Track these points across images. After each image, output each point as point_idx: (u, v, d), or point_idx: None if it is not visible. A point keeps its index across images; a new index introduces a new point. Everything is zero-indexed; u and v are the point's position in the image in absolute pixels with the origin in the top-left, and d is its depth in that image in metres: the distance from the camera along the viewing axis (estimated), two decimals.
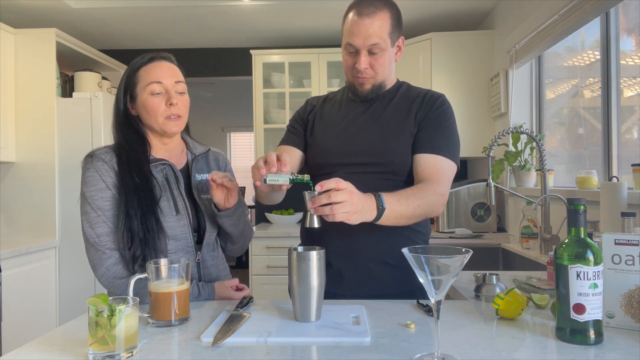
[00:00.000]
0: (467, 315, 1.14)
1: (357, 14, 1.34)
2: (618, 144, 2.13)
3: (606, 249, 1.03)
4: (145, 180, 1.30)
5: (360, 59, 1.36)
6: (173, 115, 1.35)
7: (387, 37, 1.36)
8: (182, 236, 1.34)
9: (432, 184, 1.32)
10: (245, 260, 6.73)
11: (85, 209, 1.31)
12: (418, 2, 3.29)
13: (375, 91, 1.44)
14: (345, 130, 1.46)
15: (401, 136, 1.41)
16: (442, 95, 1.46)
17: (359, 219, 1.13)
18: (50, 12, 3.35)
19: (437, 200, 1.31)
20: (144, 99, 1.34)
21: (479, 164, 3.69)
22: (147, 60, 1.36)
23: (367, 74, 1.39)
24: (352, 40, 1.36)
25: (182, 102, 1.36)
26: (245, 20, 3.59)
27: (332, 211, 1.08)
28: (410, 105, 1.44)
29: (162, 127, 1.35)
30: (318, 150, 1.49)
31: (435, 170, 1.36)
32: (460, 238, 2.97)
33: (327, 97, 1.60)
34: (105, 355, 0.88)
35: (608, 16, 2.15)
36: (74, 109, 3.13)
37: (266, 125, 3.78)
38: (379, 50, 1.36)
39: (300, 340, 0.98)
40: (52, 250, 3.04)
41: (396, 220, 1.23)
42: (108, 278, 1.28)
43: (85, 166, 1.34)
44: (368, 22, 1.33)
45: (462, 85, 3.40)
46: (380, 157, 1.40)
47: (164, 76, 1.34)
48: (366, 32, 1.33)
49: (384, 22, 1.34)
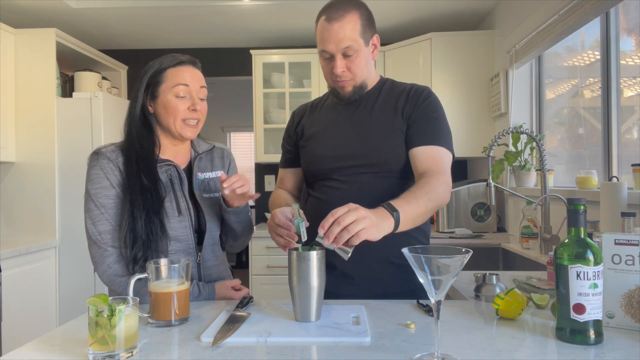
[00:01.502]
0: (467, 315, 1.14)
1: (326, 19, 1.36)
2: (618, 144, 2.13)
3: (606, 249, 1.03)
4: (153, 182, 1.31)
5: (336, 64, 1.37)
6: (192, 120, 1.36)
7: (360, 38, 1.37)
8: (183, 237, 1.35)
9: (434, 174, 1.31)
10: (245, 260, 6.73)
11: (88, 206, 1.31)
12: (418, 2, 3.29)
13: (357, 92, 1.44)
14: (335, 135, 1.47)
15: (391, 133, 1.41)
16: (427, 88, 1.47)
17: (381, 232, 1.08)
18: (50, 12, 3.35)
19: (444, 190, 1.30)
20: (167, 99, 1.34)
21: (479, 164, 3.69)
22: (177, 63, 1.36)
23: (345, 77, 1.40)
24: (325, 47, 1.37)
25: (203, 108, 1.38)
26: (245, 20, 3.59)
27: (350, 233, 1.02)
28: (396, 102, 1.44)
29: (178, 131, 1.35)
30: (310, 159, 1.50)
31: (434, 160, 1.35)
32: (460, 238, 2.97)
33: (313, 103, 1.61)
34: (105, 355, 0.88)
35: (608, 16, 2.15)
36: (74, 109, 3.13)
37: (266, 125, 3.78)
38: (353, 52, 1.37)
39: (300, 340, 0.98)
40: (52, 250, 3.04)
41: (413, 221, 1.20)
42: (109, 275, 1.28)
43: (90, 163, 1.34)
44: (338, 26, 1.34)
45: (462, 85, 3.40)
46: (373, 157, 1.41)
47: (193, 80, 1.35)
48: (337, 37, 1.34)
49: (354, 23, 1.35)
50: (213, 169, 1.46)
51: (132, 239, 1.25)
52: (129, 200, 1.28)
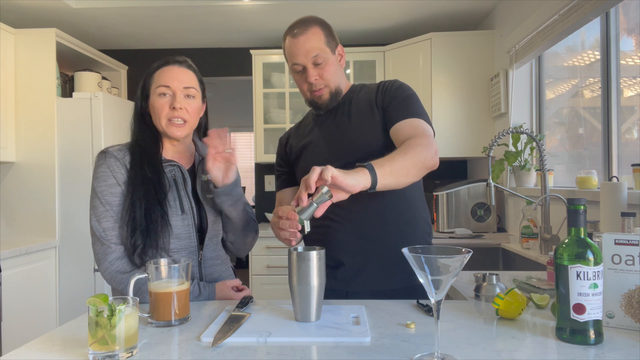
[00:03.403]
0: (467, 315, 1.14)
1: (291, 36, 1.46)
2: (618, 144, 2.13)
3: (606, 249, 1.03)
4: (156, 174, 1.34)
5: (309, 73, 1.45)
6: (177, 119, 1.37)
7: (325, 47, 1.46)
8: (185, 235, 1.36)
9: (413, 137, 1.31)
10: (245, 260, 6.73)
11: (94, 203, 1.33)
12: (418, 2, 3.29)
13: (334, 98, 1.51)
14: (322, 142, 1.52)
15: (374, 128, 1.45)
16: (396, 79, 1.53)
17: (355, 183, 1.10)
18: (50, 12, 3.35)
19: (424, 148, 1.27)
20: (153, 99, 1.38)
21: (479, 164, 3.69)
22: (163, 64, 1.40)
23: (319, 84, 1.47)
24: (295, 60, 1.45)
25: (188, 106, 1.38)
26: (245, 20, 3.59)
27: (325, 177, 1.06)
28: (370, 98, 1.50)
29: (164, 130, 1.38)
30: (303, 169, 1.52)
31: (413, 129, 1.36)
32: (460, 238, 2.97)
33: (296, 126, 1.68)
34: (105, 355, 0.88)
35: (608, 16, 2.15)
36: (74, 109, 3.13)
37: (266, 125, 3.78)
38: (322, 60, 1.45)
39: (300, 340, 0.98)
40: (52, 250, 3.04)
41: (394, 176, 1.18)
42: (111, 272, 1.30)
43: (97, 162, 1.37)
44: (303, 39, 1.44)
45: (462, 85, 3.40)
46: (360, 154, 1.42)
47: (173, 80, 1.37)
48: (304, 48, 1.43)
49: (317, 35, 1.45)
50: None
51: (132, 227, 1.28)
52: (131, 192, 1.31)
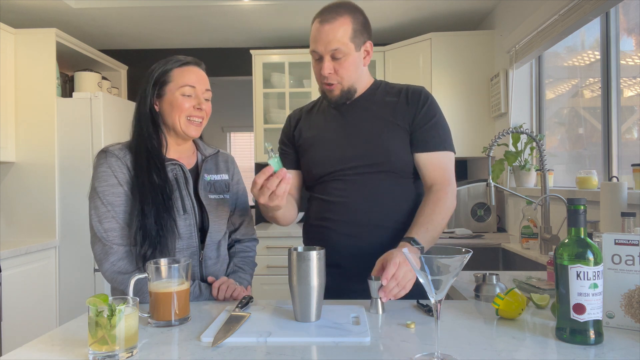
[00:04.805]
0: (467, 315, 1.14)
1: (319, 21, 1.39)
2: (618, 144, 2.13)
3: (606, 249, 1.03)
4: (163, 179, 1.33)
5: (324, 65, 1.39)
6: (196, 118, 1.38)
7: (349, 42, 1.38)
8: (187, 235, 1.36)
9: (442, 187, 1.40)
10: None
11: (95, 203, 1.31)
12: (418, 2, 3.29)
13: (344, 97, 1.46)
14: (334, 137, 1.48)
15: (392, 132, 1.43)
16: (422, 89, 1.50)
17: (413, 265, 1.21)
18: (50, 12, 3.35)
19: (452, 200, 1.40)
20: (174, 96, 1.36)
21: (479, 164, 3.69)
22: (184, 63, 1.39)
23: (332, 79, 1.41)
24: (315, 47, 1.40)
25: (208, 108, 1.41)
26: (245, 20, 3.59)
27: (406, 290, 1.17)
28: (395, 102, 1.47)
29: (183, 128, 1.37)
30: (312, 162, 1.51)
31: (440, 169, 1.43)
32: (460, 238, 2.97)
33: (308, 107, 1.62)
34: (105, 355, 0.88)
35: (608, 16, 2.15)
36: (74, 109, 3.13)
37: (266, 125, 3.78)
38: (342, 55, 1.38)
39: (300, 340, 0.98)
40: (52, 250, 3.04)
41: (434, 240, 1.33)
42: (112, 273, 1.29)
43: (98, 162, 1.35)
44: (328, 28, 1.36)
45: (462, 85, 3.40)
46: (374, 156, 1.43)
47: (199, 81, 1.39)
48: (327, 38, 1.37)
49: (345, 27, 1.37)
50: (218, 172, 1.49)
51: (142, 236, 1.27)
52: (139, 199, 1.29)
